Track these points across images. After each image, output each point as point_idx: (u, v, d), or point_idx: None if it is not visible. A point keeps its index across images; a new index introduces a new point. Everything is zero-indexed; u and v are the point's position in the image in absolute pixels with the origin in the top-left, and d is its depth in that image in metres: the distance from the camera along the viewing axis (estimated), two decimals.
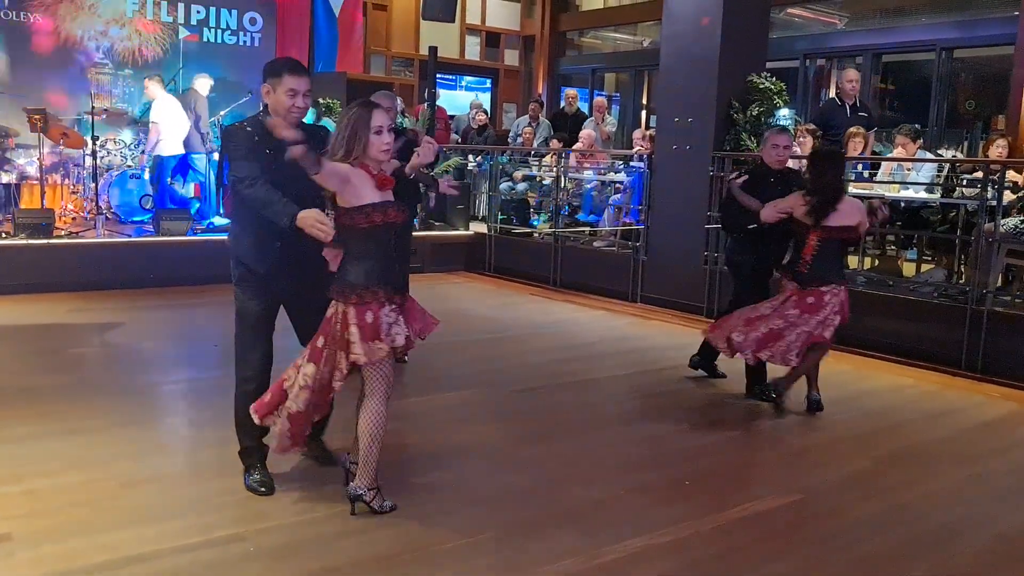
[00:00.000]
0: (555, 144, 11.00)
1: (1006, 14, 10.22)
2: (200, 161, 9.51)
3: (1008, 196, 6.54)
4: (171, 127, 9.15)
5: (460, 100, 15.02)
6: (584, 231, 9.84)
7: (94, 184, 8.82)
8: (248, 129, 3.58)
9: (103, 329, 6.61)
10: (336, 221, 3.35)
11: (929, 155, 8.10)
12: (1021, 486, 4.13)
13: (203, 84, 9.90)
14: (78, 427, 4.36)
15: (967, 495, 4.01)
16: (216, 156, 9.84)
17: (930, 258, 7.76)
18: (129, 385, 5.23)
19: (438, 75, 11.28)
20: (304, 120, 3.67)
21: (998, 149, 7.17)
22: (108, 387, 5.15)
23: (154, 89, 9.22)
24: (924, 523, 3.67)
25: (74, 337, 6.45)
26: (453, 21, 12.61)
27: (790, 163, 5.51)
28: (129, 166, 9.47)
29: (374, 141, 3.31)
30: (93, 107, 8.91)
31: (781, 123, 8.28)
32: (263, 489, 3.62)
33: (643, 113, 14.92)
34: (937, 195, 7.29)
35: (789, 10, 12.48)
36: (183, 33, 10.78)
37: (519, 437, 4.59)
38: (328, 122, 9.84)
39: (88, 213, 9.03)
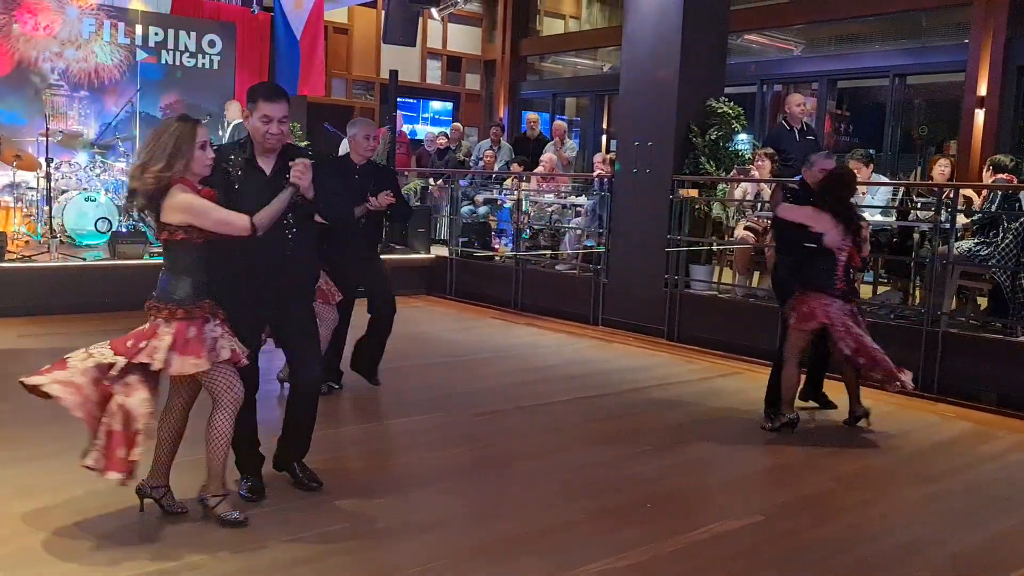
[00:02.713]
0: (516, 168, 11.04)
1: (956, 41, 10.53)
2: None
3: (961, 219, 6.67)
4: None
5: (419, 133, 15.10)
6: (545, 254, 9.87)
7: (48, 207, 8.66)
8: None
9: (55, 354, 6.41)
10: (162, 238, 3.39)
11: (884, 179, 8.26)
12: (976, 505, 4.17)
13: (233, 110, 9.94)
14: (28, 455, 4.24)
15: (923, 515, 4.05)
16: None
17: (886, 280, 7.89)
18: None
19: (399, 99, 11.30)
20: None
21: (940, 168, 7.33)
22: (59, 414, 4.99)
23: None
24: (881, 543, 3.70)
25: (24, 363, 6.25)
26: (414, 45, 12.64)
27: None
28: (84, 189, 9.31)
29: (198, 156, 3.32)
30: (48, 129, 8.77)
31: (740, 147, 8.40)
32: (253, 496, 3.72)
33: (603, 137, 15.07)
34: (892, 218, 7.42)
35: (747, 36, 12.73)
36: (141, 55, 10.66)
37: (480, 461, 4.56)
38: None
39: (41, 236, 8.85)
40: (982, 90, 9.84)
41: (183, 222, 3.29)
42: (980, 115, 9.86)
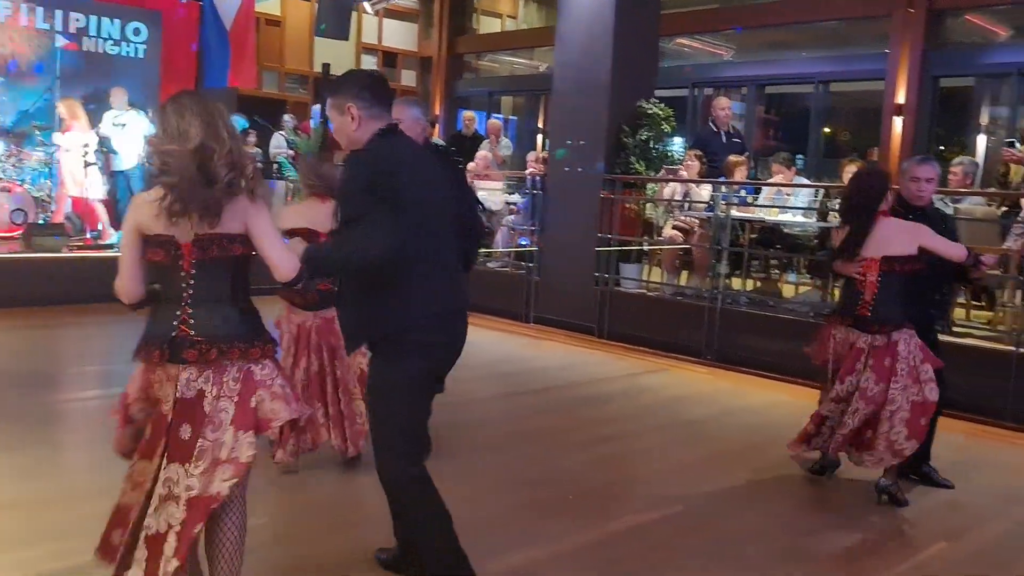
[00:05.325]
0: None
1: (878, 50, 10.85)
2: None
3: None
4: None
5: None
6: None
7: None
8: None
9: None
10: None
11: (805, 180, 8.48)
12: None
13: (117, 98, 9.75)
14: None
15: (837, 501, 4.19)
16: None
17: (809, 280, 8.09)
18: None
19: None
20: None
21: (848, 175, 7.54)
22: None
23: None
24: (798, 528, 3.83)
25: None
26: (347, 39, 12.52)
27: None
28: None
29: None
30: None
31: (671, 149, 8.50)
32: None
33: (539, 136, 15.14)
34: (813, 219, 7.62)
35: (679, 40, 12.92)
36: (60, 41, 10.31)
37: None
38: None
39: None
40: (900, 98, 10.16)
41: None
42: (898, 122, 10.19)
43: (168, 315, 2.49)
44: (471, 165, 10.68)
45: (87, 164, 9.35)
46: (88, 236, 9.00)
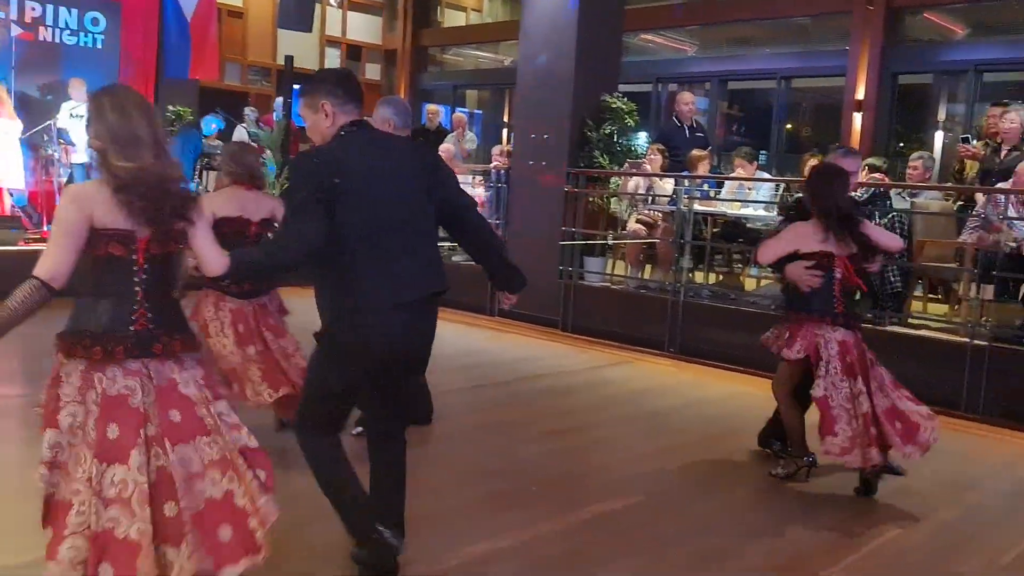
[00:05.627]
0: None
1: (838, 47, 11.01)
2: None
3: None
4: None
5: None
6: (442, 245, 9.83)
7: None
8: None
9: None
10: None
11: (766, 175, 8.58)
12: (842, 482, 4.38)
13: (76, 89, 9.58)
14: None
15: (793, 490, 4.24)
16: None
17: (771, 273, 8.18)
18: None
19: (296, 86, 11.07)
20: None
21: (808, 168, 7.65)
22: None
23: None
24: (756, 516, 3.89)
25: None
26: (310, 31, 12.40)
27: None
28: None
29: None
30: None
31: (634, 143, 8.55)
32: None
33: (504, 131, 15.15)
34: (775, 213, 7.71)
35: (643, 35, 12.99)
36: (15, 30, 10.11)
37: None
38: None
39: None
40: (860, 94, 10.32)
41: None
42: (858, 118, 10.35)
43: (119, 309, 2.43)
44: None
45: (49, 151, 9.18)
46: (45, 228, 8.84)
